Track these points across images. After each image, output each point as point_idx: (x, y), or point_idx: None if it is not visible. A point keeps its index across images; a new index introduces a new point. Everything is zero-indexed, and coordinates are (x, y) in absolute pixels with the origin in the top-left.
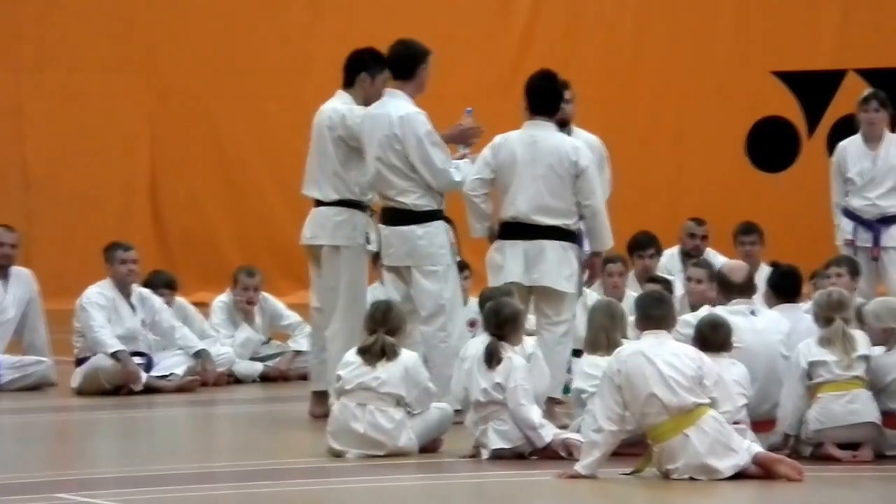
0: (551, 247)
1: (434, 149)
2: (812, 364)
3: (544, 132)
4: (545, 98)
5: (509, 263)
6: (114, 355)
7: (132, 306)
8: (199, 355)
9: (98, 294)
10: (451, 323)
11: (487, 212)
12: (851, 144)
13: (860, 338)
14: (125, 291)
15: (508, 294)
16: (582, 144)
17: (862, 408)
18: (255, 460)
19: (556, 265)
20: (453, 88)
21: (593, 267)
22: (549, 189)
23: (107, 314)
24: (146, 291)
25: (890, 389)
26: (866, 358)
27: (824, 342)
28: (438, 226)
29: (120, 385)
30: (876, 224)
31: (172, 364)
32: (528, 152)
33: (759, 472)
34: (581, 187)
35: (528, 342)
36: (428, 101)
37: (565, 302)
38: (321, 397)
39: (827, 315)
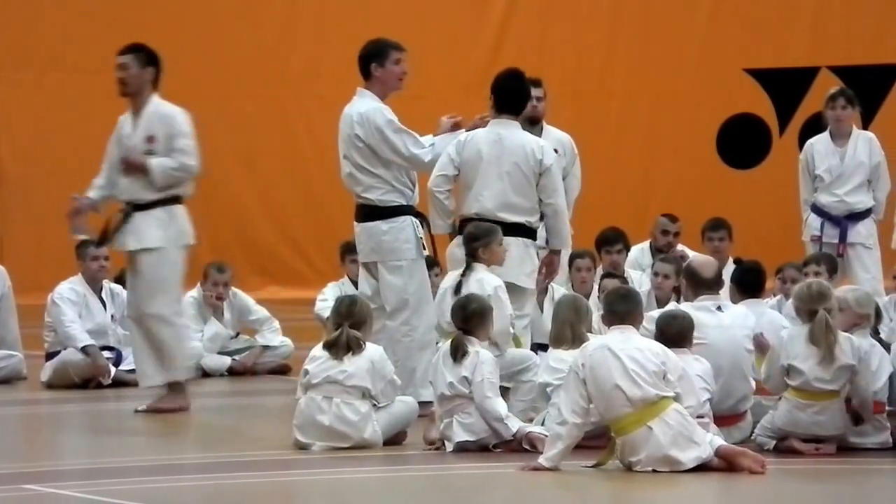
0: (514, 244)
1: (398, 136)
2: (791, 367)
3: (509, 130)
4: (511, 97)
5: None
6: (83, 350)
7: (103, 301)
8: None
9: (69, 290)
10: (415, 317)
11: (450, 208)
12: (819, 142)
13: (845, 343)
14: (96, 287)
15: (488, 236)
16: (547, 143)
17: (828, 420)
18: (220, 452)
19: (518, 262)
20: (429, 88)
21: (551, 265)
22: (513, 187)
23: (78, 309)
24: (117, 287)
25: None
26: (850, 368)
27: (809, 339)
28: (404, 221)
29: (89, 379)
30: (843, 220)
31: None
32: (494, 150)
33: (721, 464)
34: (544, 185)
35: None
36: (404, 101)
37: (526, 297)
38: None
39: (809, 308)
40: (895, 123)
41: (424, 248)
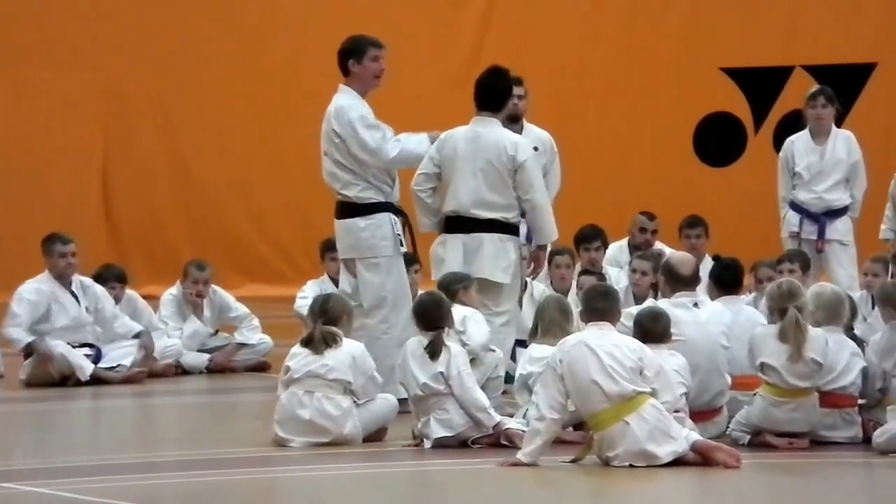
0: (489, 239)
1: (366, 130)
2: (764, 364)
3: (487, 128)
4: (491, 94)
5: (449, 256)
6: (27, 348)
7: (74, 295)
8: (140, 336)
9: (32, 289)
10: (394, 315)
11: (434, 206)
12: (799, 140)
13: (815, 337)
14: (65, 282)
15: (466, 279)
16: (522, 140)
17: (802, 417)
18: (200, 450)
19: (494, 258)
20: (409, 85)
21: (537, 260)
22: (487, 183)
23: (40, 309)
24: (87, 280)
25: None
26: (819, 364)
27: (780, 336)
28: (382, 218)
29: (68, 375)
30: (822, 217)
31: (120, 356)
32: (470, 147)
33: (697, 458)
34: (520, 182)
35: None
36: (386, 98)
37: (503, 293)
38: None
39: (780, 306)
40: (867, 122)
41: (402, 245)
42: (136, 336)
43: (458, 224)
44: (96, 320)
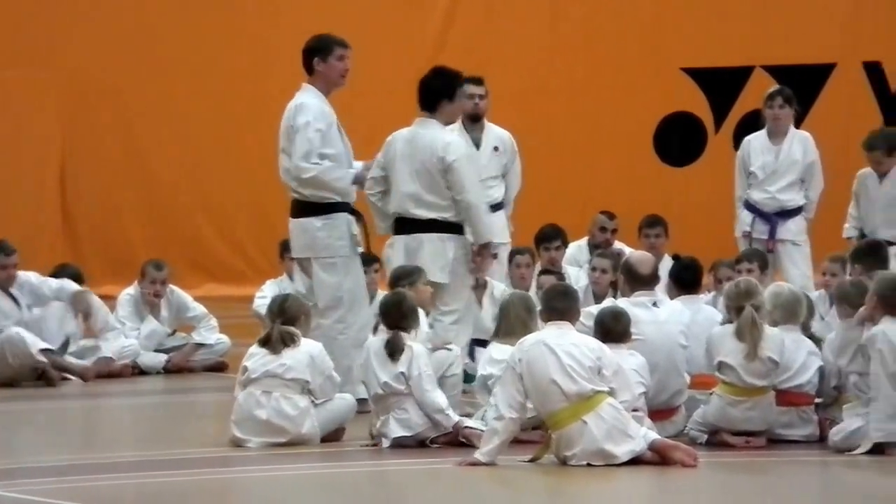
0: (428, 239)
1: (300, 138)
2: (721, 364)
3: (424, 129)
4: (426, 95)
5: (395, 257)
6: None
7: (13, 297)
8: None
9: None
10: (350, 315)
11: (385, 209)
12: (756, 139)
13: (771, 336)
14: (4, 287)
15: (412, 275)
16: (454, 140)
17: (759, 416)
18: (157, 450)
19: (432, 257)
20: (372, 85)
21: (480, 258)
22: (423, 184)
23: None
24: (25, 276)
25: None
26: (775, 363)
27: (736, 335)
28: (339, 217)
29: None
30: (774, 217)
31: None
32: (408, 148)
33: (654, 457)
34: (452, 182)
35: None
36: (349, 97)
37: (447, 292)
38: None
39: (737, 305)
40: (826, 123)
41: (359, 245)
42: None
43: (401, 225)
44: (36, 304)
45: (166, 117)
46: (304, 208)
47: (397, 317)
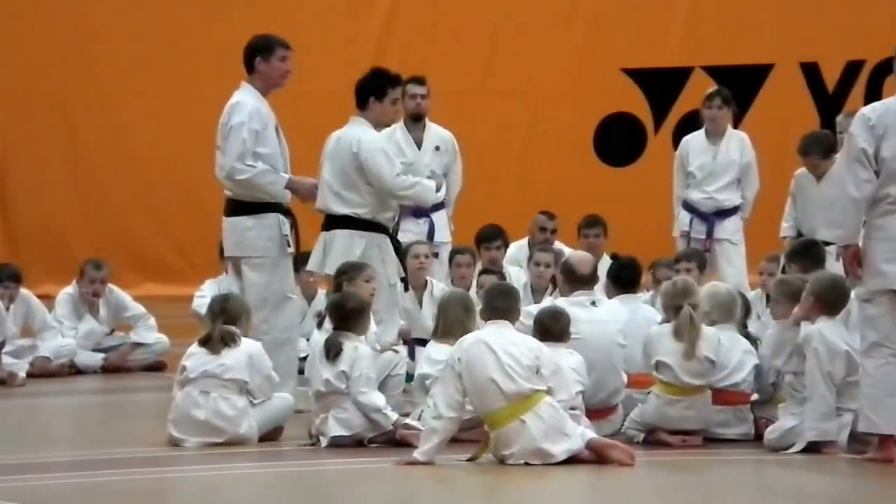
0: (340, 235)
1: (234, 139)
2: (659, 363)
3: (351, 127)
4: (357, 93)
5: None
6: None
7: None
8: None
9: None
10: (274, 316)
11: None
12: (694, 139)
13: (708, 336)
14: None
15: (350, 272)
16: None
17: (696, 415)
18: (93, 450)
19: (342, 254)
20: (314, 84)
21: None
22: (340, 181)
23: None
24: None
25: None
26: (711, 362)
27: (674, 334)
28: (270, 217)
29: None
30: (711, 216)
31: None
32: (334, 146)
33: (592, 456)
34: (369, 178)
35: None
36: (289, 96)
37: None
38: None
39: (675, 304)
40: (764, 122)
41: (290, 246)
42: None
43: (325, 221)
44: None
45: (104, 117)
46: (236, 207)
47: (340, 317)
